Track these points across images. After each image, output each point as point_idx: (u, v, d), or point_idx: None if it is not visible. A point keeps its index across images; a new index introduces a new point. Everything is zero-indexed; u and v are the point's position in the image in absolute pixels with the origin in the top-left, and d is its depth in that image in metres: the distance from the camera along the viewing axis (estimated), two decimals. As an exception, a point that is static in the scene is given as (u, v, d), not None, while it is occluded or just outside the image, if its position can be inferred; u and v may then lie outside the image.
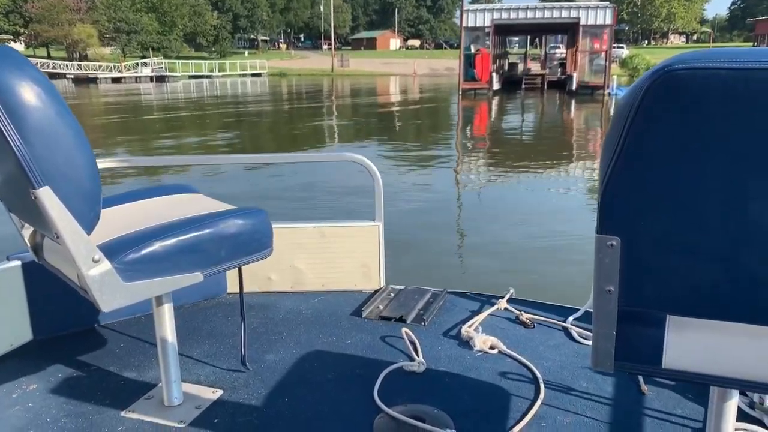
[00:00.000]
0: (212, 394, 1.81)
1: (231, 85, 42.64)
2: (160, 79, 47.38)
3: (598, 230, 0.91)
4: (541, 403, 1.73)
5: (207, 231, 1.54)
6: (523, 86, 34.63)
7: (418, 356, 2.01)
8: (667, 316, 0.99)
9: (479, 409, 1.71)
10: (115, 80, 46.00)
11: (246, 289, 2.55)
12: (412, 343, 2.11)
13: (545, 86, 33.78)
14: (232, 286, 2.60)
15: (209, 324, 2.32)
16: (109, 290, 1.37)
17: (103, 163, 2.33)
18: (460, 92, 31.16)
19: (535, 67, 42.61)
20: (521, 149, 13.80)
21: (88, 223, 1.33)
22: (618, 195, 0.88)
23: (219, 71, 54.14)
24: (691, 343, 0.97)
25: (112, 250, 1.39)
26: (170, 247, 1.46)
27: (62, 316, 2.22)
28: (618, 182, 0.87)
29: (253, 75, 55.71)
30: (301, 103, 29.66)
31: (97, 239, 1.40)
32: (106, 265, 1.35)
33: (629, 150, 0.85)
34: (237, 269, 1.76)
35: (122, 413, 1.71)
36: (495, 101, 28.27)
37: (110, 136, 15.51)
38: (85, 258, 1.32)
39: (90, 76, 46.32)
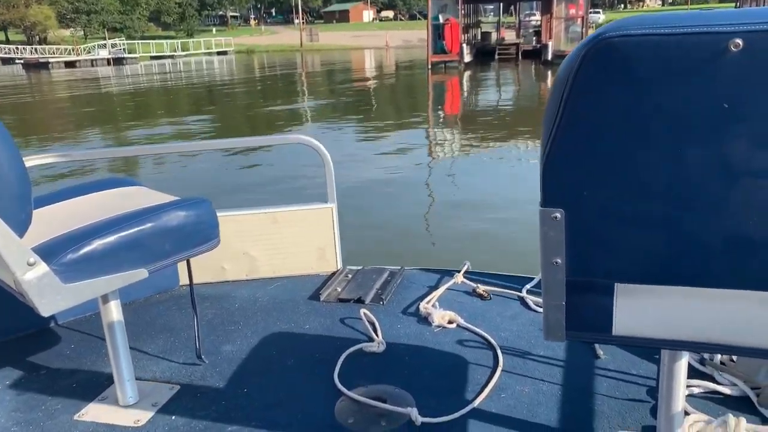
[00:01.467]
0: (169, 390, 1.79)
1: (195, 65, 41.73)
2: (118, 61, 45.87)
3: (542, 203, 0.92)
4: (501, 374, 1.77)
5: (149, 225, 1.51)
6: (497, 57, 33.64)
7: (377, 336, 2.02)
8: (615, 284, 1.01)
9: (440, 385, 1.73)
10: (69, 64, 44.33)
11: (199, 280, 2.53)
12: (371, 323, 2.13)
13: (520, 56, 32.89)
14: (185, 278, 2.56)
15: (162, 318, 2.30)
16: (49, 293, 1.33)
17: (31, 161, 2.26)
18: (429, 66, 29.66)
19: (510, 36, 41.71)
20: (485, 127, 13.46)
21: (19, 225, 1.30)
22: (559, 166, 0.89)
23: (182, 51, 52.97)
24: (639, 309, 0.99)
25: (48, 251, 1.35)
26: (111, 244, 1.43)
27: (6, 320, 2.17)
28: (558, 154, 0.88)
29: (219, 53, 54.77)
30: (266, 76, 29.67)
31: (31, 241, 1.37)
32: (42, 267, 1.32)
33: (568, 120, 0.85)
34: (186, 261, 1.75)
35: (75, 417, 1.68)
36: (466, 75, 27.19)
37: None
38: (18, 262, 1.28)
39: (41, 60, 44.51)
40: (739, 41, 0.74)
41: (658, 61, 0.79)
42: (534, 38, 34.57)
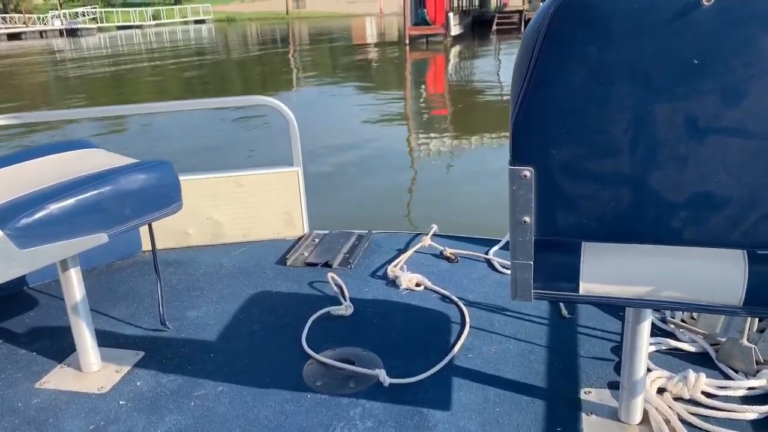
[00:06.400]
0: (133, 356, 1.91)
1: (169, 36, 40.25)
2: (72, 32, 44.86)
3: (512, 162, 1.02)
4: (468, 335, 1.93)
5: (107, 188, 1.60)
6: (495, 28, 30.10)
7: (345, 300, 2.18)
8: (582, 243, 1.15)
9: (408, 347, 1.89)
10: (13, 37, 42.98)
11: (162, 246, 2.69)
12: (339, 287, 2.29)
13: (523, 26, 28.77)
14: (147, 244, 2.69)
15: (126, 285, 2.43)
16: (3, 259, 1.40)
17: None
18: (407, 41, 26.02)
19: (516, 2, 39.92)
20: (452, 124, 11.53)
21: None
22: (529, 124, 0.99)
23: (153, 19, 52.45)
24: (605, 268, 1.13)
25: (1, 216, 1.42)
26: (68, 208, 1.51)
27: None
28: (528, 111, 0.98)
29: (197, 22, 54.42)
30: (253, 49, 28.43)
31: None
32: None
33: (538, 77, 0.95)
34: (148, 226, 1.87)
35: (36, 385, 1.78)
36: (453, 52, 23.46)
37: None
38: None
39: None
40: None
41: (629, 15, 0.87)
42: (542, 3, 32.83)
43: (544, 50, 0.92)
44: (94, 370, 1.85)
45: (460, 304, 2.13)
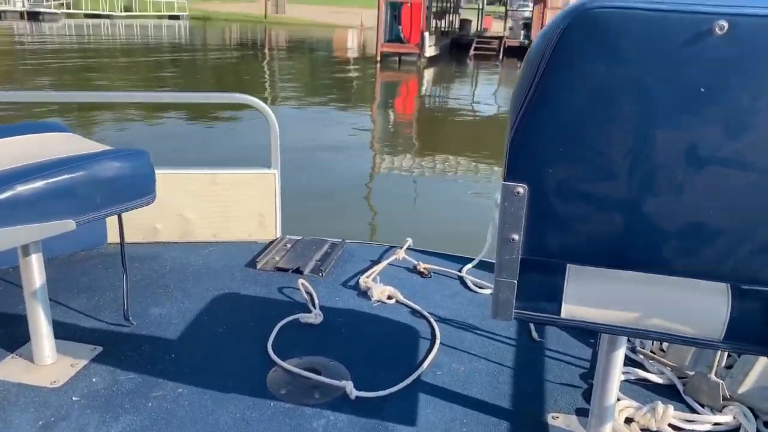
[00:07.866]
0: (91, 351, 1.88)
1: (140, 30, 38.91)
2: (34, 16, 43.48)
3: (505, 177, 1.02)
4: (437, 352, 1.94)
5: (80, 173, 1.57)
6: (473, 52, 29.79)
7: (314, 308, 2.18)
8: (568, 265, 1.16)
9: (376, 359, 1.90)
10: None
11: (129, 239, 2.65)
12: (309, 294, 2.29)
13: (502, 53, 29.35)
14: (113, 236, 2.67)
15: (88, 276, 2.39)
16: None
17: None
18: (378, 58, 25.25)
19: (498, 28, 38.73)
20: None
21: None
22: (527, 139, 0.98)
23: (124, 10, 51.65)
24: (589, 292, 1.14)
25: None
26: (36, 190, 1.48)
27: None
28: (527, 127, 0.98)
29: (171, 17, 53.93)
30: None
31: None
32: None
33: (541, 93, 0.95)
34: (117, 217, 1.85)
35: None
36: (426, 76, 22.41)
37: None
38: None
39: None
40: (724, 23, 0.84)
41: (640, 37, 0.87)
42: (523, 32, 31.19)
43: (551, 65, 0.93)
44: (47, 363, 1.80)
45: (431, 319, 2.15)
